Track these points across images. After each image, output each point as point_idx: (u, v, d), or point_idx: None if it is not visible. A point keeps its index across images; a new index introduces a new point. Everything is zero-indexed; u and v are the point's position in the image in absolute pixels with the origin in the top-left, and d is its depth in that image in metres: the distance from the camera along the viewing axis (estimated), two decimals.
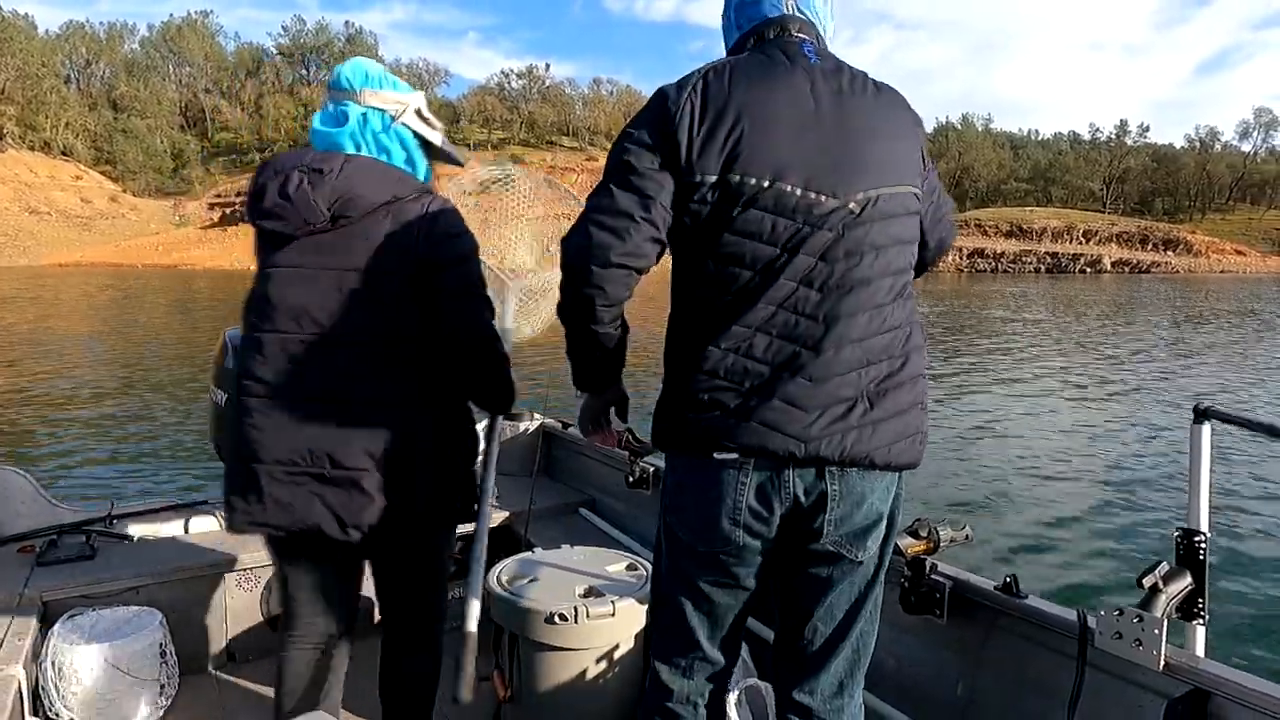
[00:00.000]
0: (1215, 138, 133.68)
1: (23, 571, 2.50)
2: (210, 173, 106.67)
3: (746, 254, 1.28)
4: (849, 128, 1.30)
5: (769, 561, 1.42)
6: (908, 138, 1.36)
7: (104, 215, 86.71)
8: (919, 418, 1.36)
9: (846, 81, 1.34)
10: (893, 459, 1.32)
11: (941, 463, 7.47)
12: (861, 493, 1.34)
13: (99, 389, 11.73)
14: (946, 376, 12.98)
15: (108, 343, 17.57)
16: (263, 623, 2.72)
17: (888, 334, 1.31)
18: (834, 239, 1.27)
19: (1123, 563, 5.09)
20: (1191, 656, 1.56)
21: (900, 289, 1.34)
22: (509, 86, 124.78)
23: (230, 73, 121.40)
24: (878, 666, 2.09)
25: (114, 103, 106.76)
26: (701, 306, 1.32)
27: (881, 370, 1.31)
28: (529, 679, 2.08)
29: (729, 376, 1.29)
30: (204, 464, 7.29)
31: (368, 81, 1.75)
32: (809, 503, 1.33)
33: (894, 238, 1.32)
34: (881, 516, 1.38)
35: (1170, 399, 10.52)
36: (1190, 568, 1.59)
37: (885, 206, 1.30)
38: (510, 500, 3.13)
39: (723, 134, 1.26)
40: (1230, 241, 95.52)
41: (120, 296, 33.63)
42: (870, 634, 1.47)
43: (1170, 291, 46.21)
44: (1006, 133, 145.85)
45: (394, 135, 1.76)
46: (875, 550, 1.41)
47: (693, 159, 1.26)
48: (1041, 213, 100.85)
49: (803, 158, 1.27)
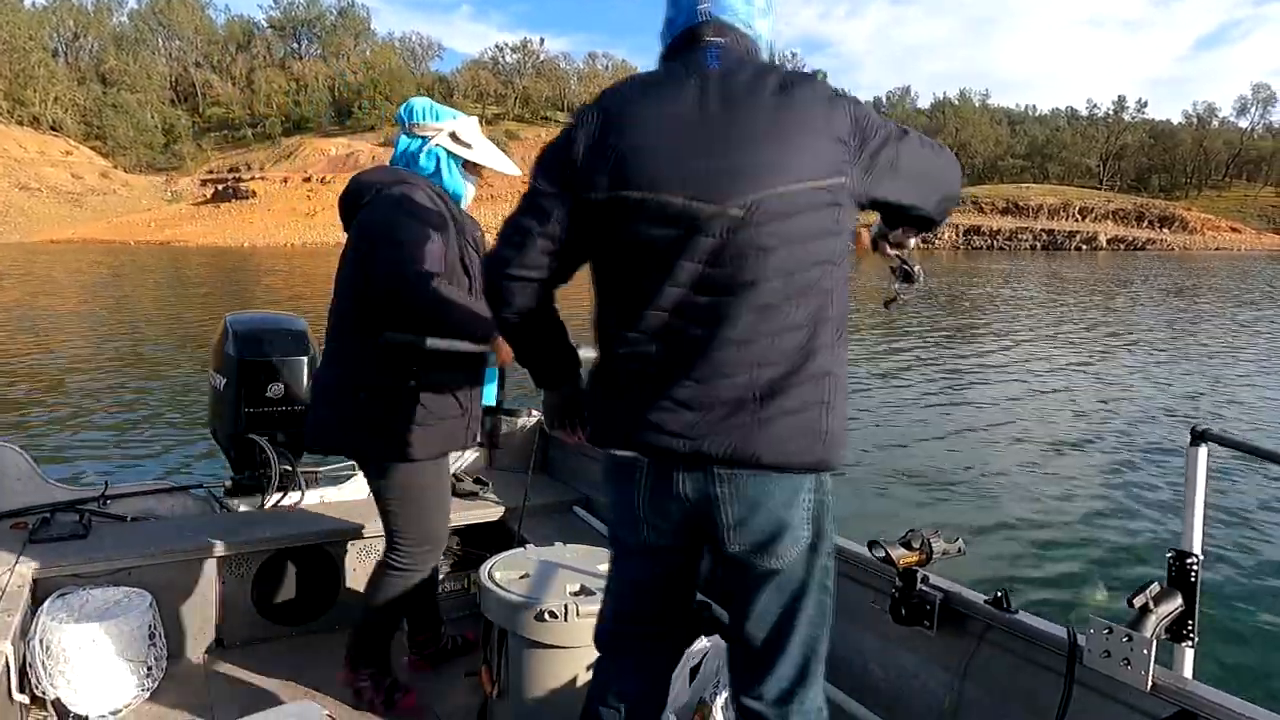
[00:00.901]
0: (1213, 114, 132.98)
1: (14, 548, 2.50)
2: (202, 148, 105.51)
3: (638, 264, 1.37)
4: (733, 134, 1.32)
5: (691, 562, 1.48)
6: (811, 133, 1.32)
7: (95, 191, 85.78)
8: (821, 417, 1.33)
9: (743, 84, 1.34)
10: (784, 459, 1.31)
11: (938, 468, 7.38)
12: (754, 497, 1.34)
13: (92, 368, 11.69)
14: (941, 373, 12.79)
15: (102, 320, 17.46)
16: (253, 609, 2.73)
17: (785, 334, 1.31)
18: (718, 245, 1.31)
19: (1115, 581, 5.06)
20: (1179, 678, 1.56)
21: (800, 288, 1.32)
22: (503, 61, 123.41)
23: (221, 46, 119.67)
24: (865, 676, 2.11)
25: (103, 77, 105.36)
26: (608, 314, 1.44)
27: (776, 370, 1.31)
28: (517, 675, 2.08)
29: (627, 380, 1.40)
30: (199, 446, 7.25)
31: (412, 116, 2.35)
32: (700, 504, 1.37)
33: (785, 238, 1.30)
34: (785, 525, 1.35)
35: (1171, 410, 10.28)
36: (1181, 589, 1.59)
37: (774, 207, 1.30)
38: (505, 496, 3.13)
39: (610, 153, 1.36)
40: (1226, 219, 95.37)
41: (112, 273, 33.38)
42: (818, 641, 1.45)
43: (1168, 270, 46.07)
44: (1004, 109, 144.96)
45: (430, 155, 2.33)
46: (794, 559, 1.39)
47: (585, 179, 1.37)
48: (1038, 189, 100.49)
49: (683, 169, 1.33)
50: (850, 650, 2.17)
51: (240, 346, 3.10)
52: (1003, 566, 5.25)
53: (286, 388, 3.12)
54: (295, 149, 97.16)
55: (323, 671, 2.54)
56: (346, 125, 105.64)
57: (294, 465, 3.17)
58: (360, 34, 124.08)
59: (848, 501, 6.49)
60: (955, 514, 6.29)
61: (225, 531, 2.70)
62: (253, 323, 3.23)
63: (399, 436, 2.23)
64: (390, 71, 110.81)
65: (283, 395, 3.11)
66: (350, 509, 2.99)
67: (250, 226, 73.71)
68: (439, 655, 2.71)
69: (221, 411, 3.15)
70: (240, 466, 3.18)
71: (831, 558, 1.44)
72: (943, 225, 1.57)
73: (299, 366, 3.15)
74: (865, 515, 6.11)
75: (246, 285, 29.25)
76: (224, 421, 3.14)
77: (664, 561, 1.51)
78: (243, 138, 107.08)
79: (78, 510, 2.76)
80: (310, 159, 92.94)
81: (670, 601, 1.58)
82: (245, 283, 30.32)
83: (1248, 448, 1.62)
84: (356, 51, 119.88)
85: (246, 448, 3.13)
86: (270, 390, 3.10)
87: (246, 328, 3.17)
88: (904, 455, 7.88)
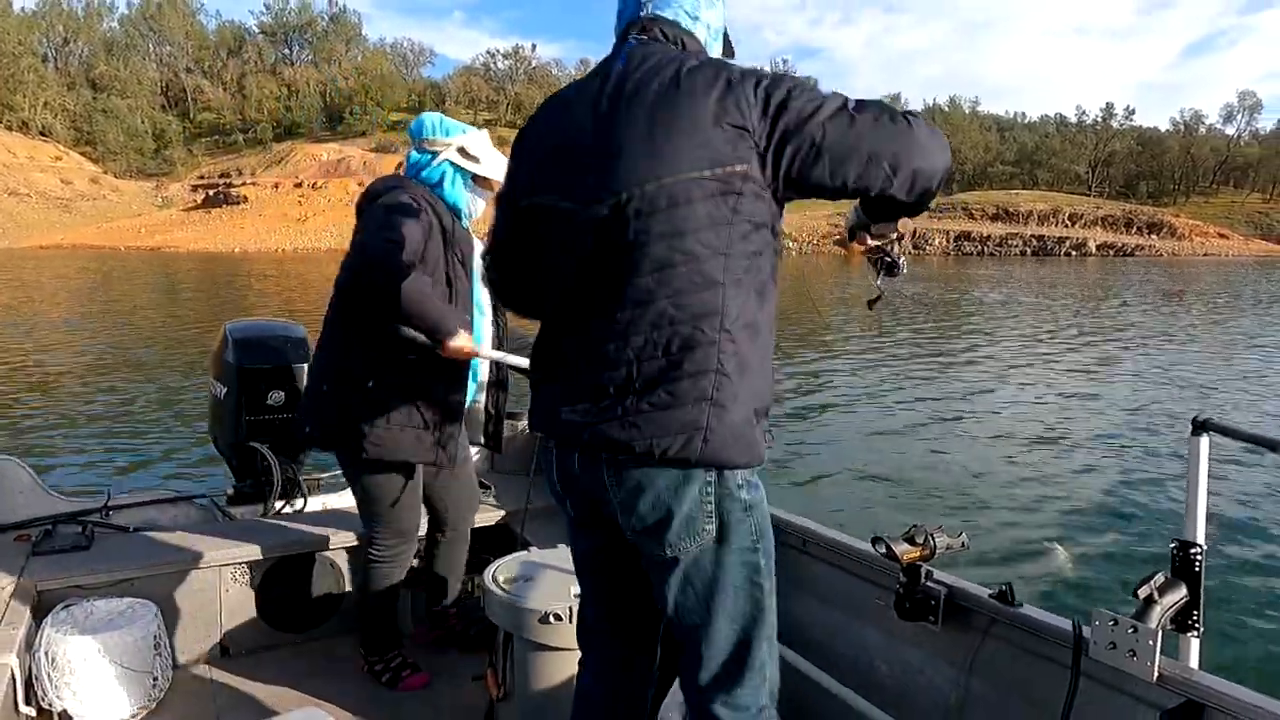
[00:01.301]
0: (1200, 121, 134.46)
1: (18, 560, 2.50)
2: (193, 153, 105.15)
3: (543, 263, 1.49)
4: (610, 134, 1.35)
5: (621, 544, 1.48)
6: (696, 123, 1.29)
7: (85, 197, 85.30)
8: (702, 414, 1.30)
9: (636, 81, 1.35)
10: (654, 450, 1.31)
11: (936, 468, 7.38)
12: (638, 482, 1.35)
13: (91, 377, 11.60)
14: (936, 372, 12.87)
15: (97, 327, 17.39)
16: (257, 617, 2.73)
17: (663, 328, 1.30)
18: (594, 243, 1.35)
19: (1118, 572, 5.07)
20: (1185, 668, 1.56)
21: (681, 282, 1.30)
22: (495, 67, 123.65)
23: (212, 52, 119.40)
24: (871, 672, 2.11)
25: (93, 82, 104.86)
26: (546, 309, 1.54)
27: (655, 365, 1.31)
28: (523, 678, 2.09)
29: (540, 370, 1.50)
30: (201, 455, 7.20)
31: (422, 132, 2.44)
32: (593, 486, 1.41)
33: (661, 233, 1.29)
34: (674, 512, 1.34)
35: (1172, 402, 10.37)
36: (1186, 579, 1.59)
37: (648, 203, 1.30)
38: (507, 499, 3.13)
39: (521, 162, 1.52)
40: (1213, 224, 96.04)
41: (102, 280, 33.20)
42: (752, 640, 1.42)
43: (1157, 275, 46.38)
44: (994, 115, 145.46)
45: (437, 169, 2.42)
46: (696, 552, 1.37)
47: (512, 188, 1.54)
48: (1027, 196, 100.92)
49: (563, 172, 1.41)
50: (855, 646, 2.19)
51: (240, 354, 3.10)
52: (1006, 561, 5.26)
53: (287, 395, 3.12)
54: (286, 154, 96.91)
55: (328, 678, 2.55)
56: (338, 131, 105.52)
57: (296, 472, 3.18)
58: (352, 40, 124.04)
59: (851, 499, 6.55)
60: (958, 509, 6.30)
61: (228, 540, 2.70)
62: (252, 330, 3.23)
63: (356, 433, 2.33)
64: (382, 77, 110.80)
65: (283, 403, 3.12)
66: (353, 515, 2.97)
67: (241, 232, 73.42)
68: (450, 636, 2.77)
69: (222, 420, 3.15)
70: (242, 475, 3.18)
71: (759, 554, 1.40)
72: (926, 208, 1.41)
73: (299, 374, 3.15)
74: (868, 512, 6.13)
75: (240, 291, 29.11)
76: (225, 430, 3.14)
77: (593, 536, 1.56)
78: (234, 143, 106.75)
79: (80, 521, 2.76)
80: (302, 164, 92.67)
81: (619, 589, 1.58)
82: (239, 288, 30.18)
83: (1248, 437, 1.61)
84: (348, 57, 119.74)
85: (248, 456, 3.13)
86: (271, 398, 3.10)
87: (246, 335, 3.17)
88: (905, 453, 7.91)
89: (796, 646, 2.22)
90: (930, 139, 1.30)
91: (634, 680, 1.65)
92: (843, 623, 2.27)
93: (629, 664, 1.64)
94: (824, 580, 2.37)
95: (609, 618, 1.63)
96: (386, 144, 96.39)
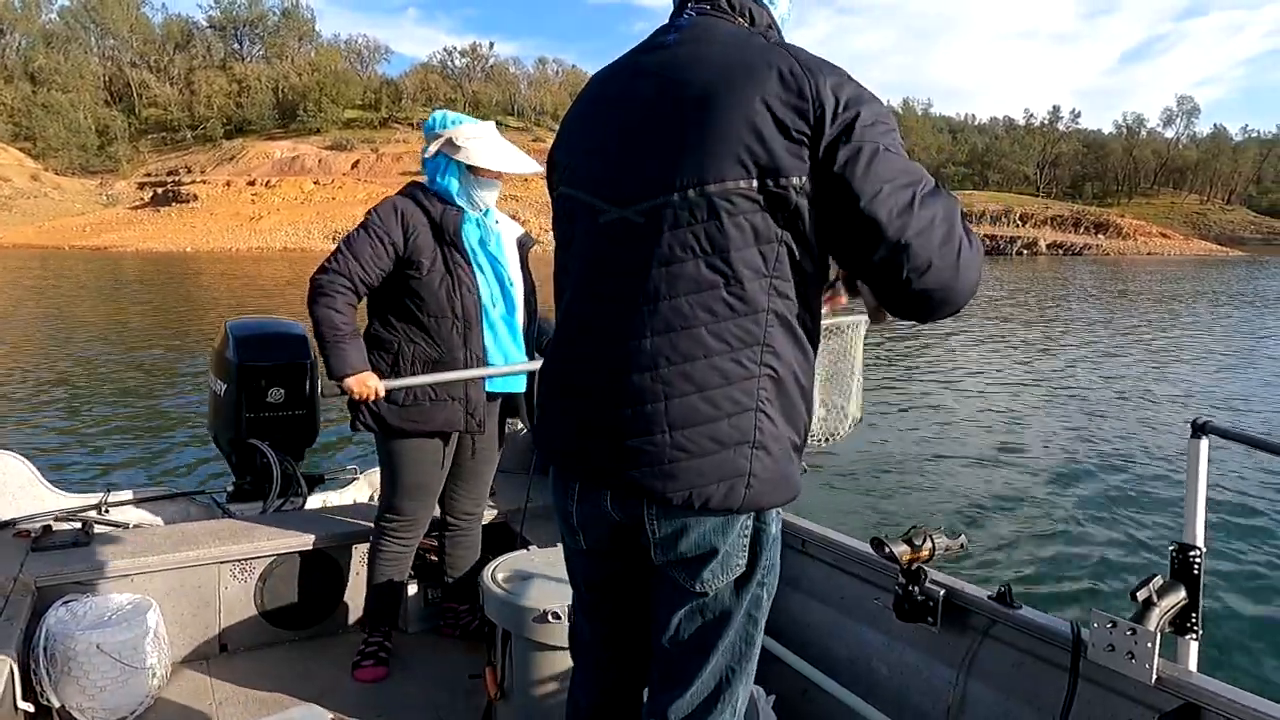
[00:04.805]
0: (1141, 124, 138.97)
1: (17, 556, 2.48)
2: (139, 150, 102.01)
3: (562, 266, 1.32)
4: (653, 126, 1.18)
5: (632, 570, 1.36)
6: (750, 123, 1.11)
7: (24, 194, 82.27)
8: (744, 457, 1.16)
9: (686, 62, 1.18)
10: (698, 501, 1.17)
11: (935, 470, 7.37)
12: (683, 525, 1.21)
13: (90, 374, 11.36)
14: (941, 373, 12.77)
15: (94, 328, 16.85)
16: (256, 615, 2.72)
17: (698, 360, 1.14)
18: (619, 253, 1.19)
19: (1117, 574, 5.07)
20: (1184, 671, 1.56)
21: (720, 307, 1.14)
22: (452, 65, 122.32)
23: (158, 46, 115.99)
24: (870, 673, 2.13)
25: (32, 75, 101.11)
26: None
27: (688, 403, 1.15)
28: (521, 677, 2.08)
29: (552, 390, 1.32)
30: (201, 452, 7.08)
31: (432, 128, 2.52)
32: (628, 521, 1.26)
33: (699, 247, 1.14)
34: (716, 550, 1.22)
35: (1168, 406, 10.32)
36: (1184, 582, 1.59)
37: (689, 212, 1.13)
38: (506, 498, 3.15)
39: (558, 145, 1.35)
40: (1156, 225, 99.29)
41: (53, 279, 32.12)
42: (736, 674, 1.31)
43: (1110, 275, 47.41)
44: (945, 117, 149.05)
45: (431, 162, 2.50)
46: (722, 587, 1.26)
47: (550, 170, 1.36)
48: (980, 196, 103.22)
49: (599, 164, 1.23)
50: (854, 648, 2.20)
51: (240, 352, 3.09)
52: (1005, 562, 5.26)
53: (287, 393, 3.12)
54: (238, 152, 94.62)
55: (327, 676, 2.56)
56: (291, 128, 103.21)
57: (295, 470, 3.17)
58: (305, 35, 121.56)
59: (850, 500, 6.53)
60: (957, 511, 6.30)
61: (227, 537, 2.70)
62: (253, 328, 3.23)
63: (387, 404, 2.45)
64: (336, 74, 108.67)
65: (283, 400, 3.12)
66: (353, 512, 3.00)
67: (192, 231, 71.49)
68: (467, 632, 2.81)
69: (222, 417, 3.14)
70: (242, 472, 3.17)
71: (764, 588, 1.31)
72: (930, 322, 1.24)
73: (299, 371, 3.16)
74: (867, 514, 6.13)
75: (207, 288, 28.41)
76: (225, 427, 3.13)
77: (608, 565, 1.40)
78: (182, 140, 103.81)
79: (80, 518, 2.74)
80: (254, 162, 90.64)
81: (625, 615, 1.44)
82: (206, 286, 29.46)
83: (1247, 439, 1.64)
84: (301, 53, 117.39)
85: (248, 453, 3.12)
86: (271, 395, 3.10)
87: (247, 333, 3.17)
88: (904, 455, 7.91)
89: (795, 647, 2.25)
90: (974, 253, 1.20)
91: (626, 702, 1.56)
92: (841, 623, 2.28)
93: (621, 686, 1.52)
94: (823, 581, 2.38)
95: (608, 643, 1.48)
96: (342, 141, 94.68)
